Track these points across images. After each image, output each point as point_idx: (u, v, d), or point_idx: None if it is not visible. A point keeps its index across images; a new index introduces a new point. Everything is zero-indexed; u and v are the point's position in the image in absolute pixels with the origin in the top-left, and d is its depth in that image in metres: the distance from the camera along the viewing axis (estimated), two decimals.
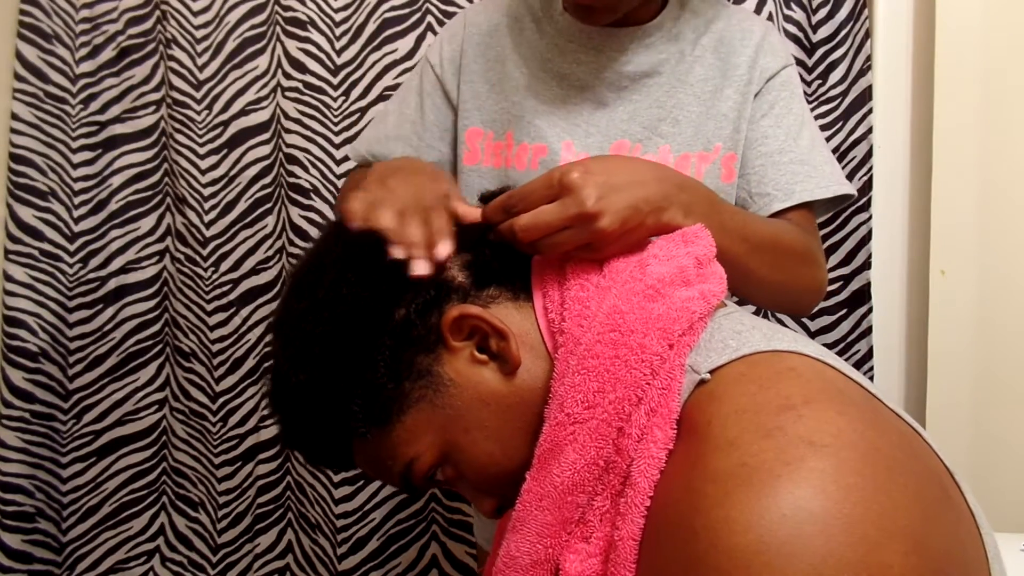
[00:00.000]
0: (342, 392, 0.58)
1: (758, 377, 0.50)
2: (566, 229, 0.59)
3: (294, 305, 0.61)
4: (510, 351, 0.57)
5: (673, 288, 0.56)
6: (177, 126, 1.38)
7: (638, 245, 0.62)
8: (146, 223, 1.43)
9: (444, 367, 0.58)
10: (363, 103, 1.35)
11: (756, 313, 1.21)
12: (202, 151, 1.39)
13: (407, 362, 0.58)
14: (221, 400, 1.41)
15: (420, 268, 0.59)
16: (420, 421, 0.58)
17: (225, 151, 1.39)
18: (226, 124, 1.38)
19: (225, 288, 1.39)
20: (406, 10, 1.33)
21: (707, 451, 0.47)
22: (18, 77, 1.38)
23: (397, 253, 0.60)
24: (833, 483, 0.43)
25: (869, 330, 1.27)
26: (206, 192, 1.39)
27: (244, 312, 1.40)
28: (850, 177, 1.26)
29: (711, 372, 0.52)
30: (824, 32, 1.25)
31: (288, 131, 1.35)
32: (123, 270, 1.42)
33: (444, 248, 0.60)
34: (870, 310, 1.27)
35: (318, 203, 1.35)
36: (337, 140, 1.35)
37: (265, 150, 1.38)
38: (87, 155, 1.41)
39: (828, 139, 1.28)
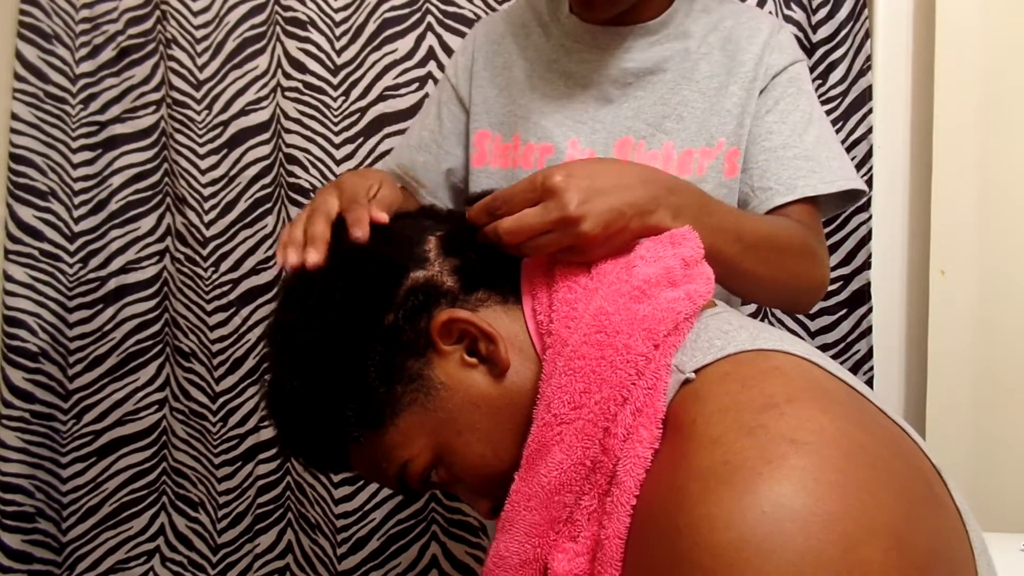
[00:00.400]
0: (335, 397, 0.59)
1: (742, 376, 0.50)
2: (549, 232, 0.60)
3: (286, 313, 0.62)
4: (499, 354, 0.58)
5: (659, 289, 0.57)
6: (177, 126, 1.38)
7: (625, 247, 0.62)
8: (146, 223, 1.43)
9: (434, 371, 0.59)
10: (363, 103, 1.35)
11: (756, 313, 1.21)
12: (202, 151, 1.39)
13: (398, 366, 0.59)
14: (221, 400, 1.41)
15: (289, 258, 0.63)
16: (413, 424, 0.59)
17: (225, 151, 1.39)
18: (226, 124, 1.38)
19: (225, 288, 1.39)
20: (406, 10, 1.33)
21: (691, 449, 0.47)
22: (18, 77, 1.38)
23: (277, 250, 0.65)
24: (814, 480, 0.43)
25: (869, 330, 1.27)
26: (206, 192, 1.39)
27: (244, 312, 1.40)
28: None
29: (696, 371, 0.52)
30: (824, 32, 1.25)
31: (288, 131, 1.35)
32: (123, 270, 1.42)
33: (312, 254, 0.63)
34: (870, 310, 1.27)
35: None
36: (337, 140, 1.35)
37: (265, 150, 1.38)
38: (87, 155, 1.41)
39: None
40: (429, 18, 1.33)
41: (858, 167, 1.26)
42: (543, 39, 0.92)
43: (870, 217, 1.26)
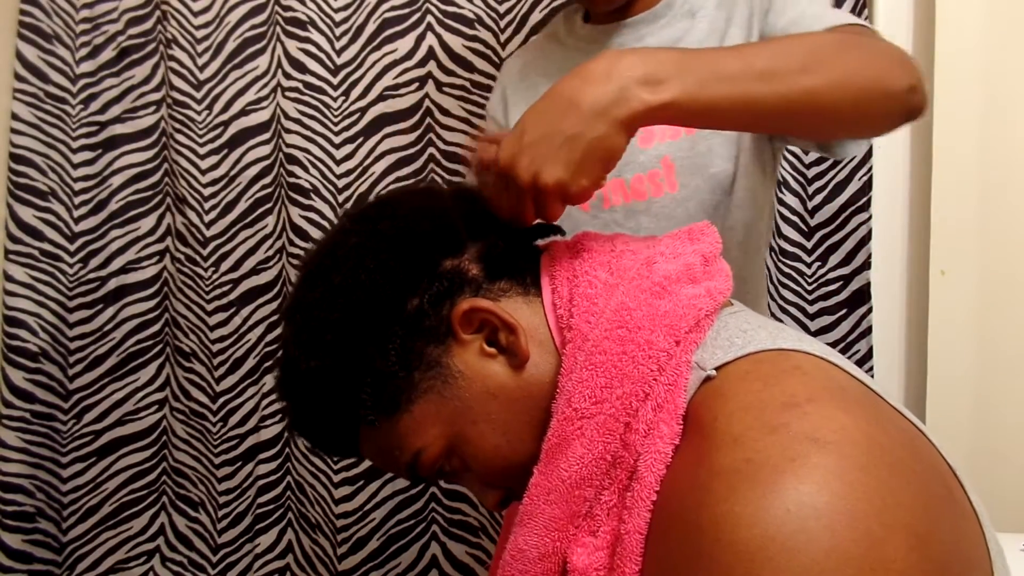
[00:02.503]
0: (352, 379, 0.59)
1: (763, 375, 0.50)
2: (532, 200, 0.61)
3: (308, 292, 0.61)
4: (519, 345, 0.58)
5: (680, 285, 0.57)
6: (177, 126, 1.38)
7: (644, 245, 0.62)
8: (146, 223, 1.43)
9: (453, 359, 0.59)
10: (363, 103, 1.35)
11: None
12: (202, 151, 1.39)
13: (417, 352, 0.58)
14: (221, 400, 1.41)
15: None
16: (428, 412, 0.59)
17: (225, 151, 1.39)
18: (226, 124, 1.38)
19: (225, 288, 1.39)
20: (406, 10, 1.33)
21: (712, 447, 0.47)
22: (18, 77, 1.38)
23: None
24: (837, 479, 0.43)
25: (869, 330, 1.27)
26: (206, 192, 1.39)
27: (244, 312, 1.40)
28: (850, 177, 1.26)
29: (717, 369, 0.52)
30: None
31: (288, 131, 1.35)
32: (123, 270, 1.42)
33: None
34: (870, 310, 1.27)
35: (318, 203, 1.35)
36: (337, 140, 1.35)
37: (265, 150, 1.38)
38: (87, 155, 1.41)
39: None
40: (429, 18, 1.33)
41: (858, 167, 1.26)
42: (561, 52, 0.94)
43: (870, 217, 1.26)
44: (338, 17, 1.35)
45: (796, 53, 0.62)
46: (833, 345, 1.27)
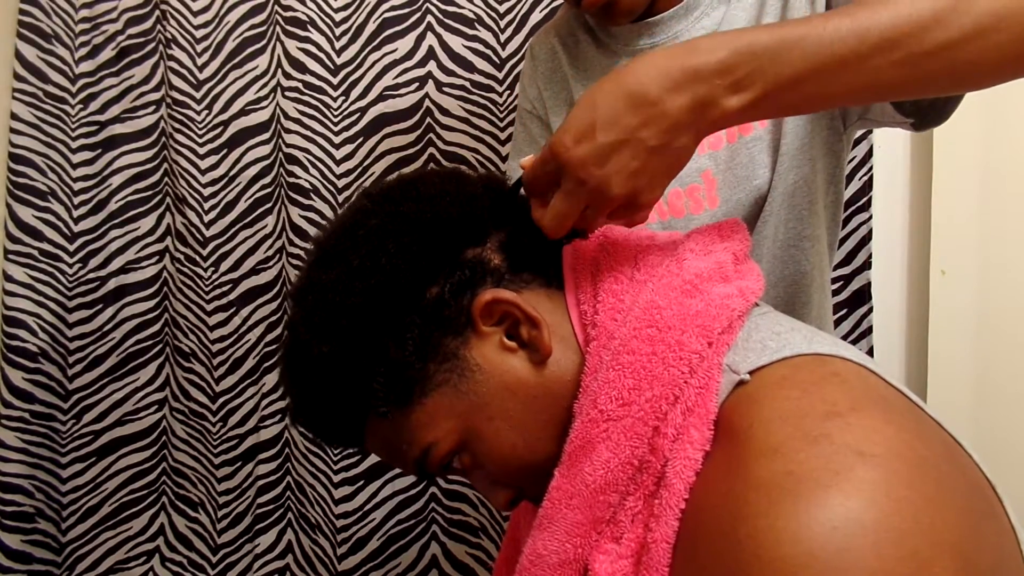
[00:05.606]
0: (366, 368, 0.56)
1: (801, 381, 0.48)
2: (587, 208, 0.56)
3: (322, 273, 0.58)
4: (542, 340, 0.56)
5: (711, 284, 0.55)
6: (177, 126, 1.38)
7: (671, 241, 0.59)
8: (146, 223, 1.42)
9: (471, 351, 0.57)
10: (363, 103, 1.35)
11: None
12: (202, 151, 1.38)
13: (434, 343, 0.56)
14: (221, 400, 1.41)
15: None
16: (442, 405, 0.56)
17: (225, 151, 1.38)
18: (226, 124, 1.38)
19: (225, 288, 1.39)
20: (406, 10, 1.33)
21: (749, 457, 0.45)
22: (18, 77, 1.38)
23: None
24: (884, 495, 0.41)
25: (869, 330, 1.27)
26: (206, 192, 1.39)
27: (244, 312, 1.39)
28: (850, 177, 1.26)
29: (751, 373, 0.50)
30: None
31: (288, 131, 1.35)
32: (123, 270, 1.42)
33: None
34: (870, 310, 1.27)
35: (318, 203, 1.35)
36: (337, 140, 1.35)
37: (265, 150, 1.38)
38: (87, 155, 1.41)
39: None
40: (429, 18, 1.33)
41: (858, 167, 1.26)
42: (592, 47, 0.88)
43: (870, 217, 1.26)
44: (338, 17, 1.35)
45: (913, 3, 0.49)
46: None
